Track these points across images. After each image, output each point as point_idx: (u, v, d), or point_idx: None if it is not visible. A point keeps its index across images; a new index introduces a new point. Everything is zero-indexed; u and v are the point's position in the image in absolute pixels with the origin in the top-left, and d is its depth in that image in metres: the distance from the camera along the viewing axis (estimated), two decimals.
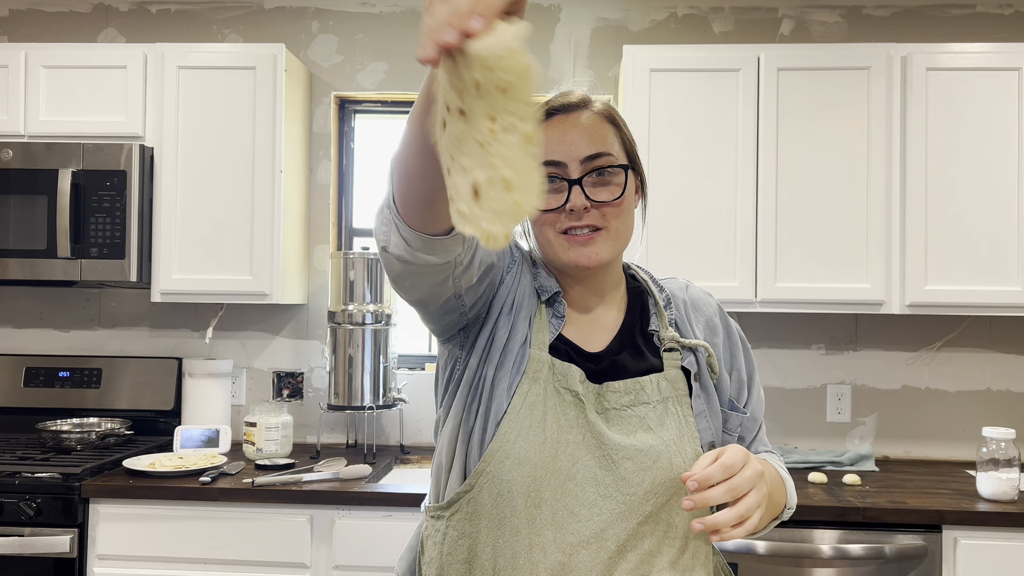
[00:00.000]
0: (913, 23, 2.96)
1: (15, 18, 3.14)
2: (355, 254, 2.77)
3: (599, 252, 1.14)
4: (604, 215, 1.14)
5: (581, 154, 1.13)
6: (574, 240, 1.13)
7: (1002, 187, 2.57)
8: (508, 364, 1.13)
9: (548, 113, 1.17)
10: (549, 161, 1.12)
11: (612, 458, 1.10)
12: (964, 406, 2.92)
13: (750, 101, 2.62)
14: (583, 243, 1.13)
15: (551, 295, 1.18)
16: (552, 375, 1.13)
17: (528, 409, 1.11)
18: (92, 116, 2.74)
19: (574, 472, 1.09)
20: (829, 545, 2.23)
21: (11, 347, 3.12)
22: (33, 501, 2.32)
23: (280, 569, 2.36)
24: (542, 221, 1.15)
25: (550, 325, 1.17)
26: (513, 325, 1.15)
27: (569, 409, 1.12)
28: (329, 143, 3.09)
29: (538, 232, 1.17)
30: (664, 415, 1.14)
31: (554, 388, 1.13)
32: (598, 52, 3.03)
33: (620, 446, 1.10)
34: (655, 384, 1.15)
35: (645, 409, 1.14)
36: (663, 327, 1.20)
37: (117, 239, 2.64)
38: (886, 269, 2.59)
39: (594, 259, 1.14)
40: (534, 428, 1.10)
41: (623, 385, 1.14)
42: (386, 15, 3.07)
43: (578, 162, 1.13)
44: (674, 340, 1.18)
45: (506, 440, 1.10)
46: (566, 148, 1.14)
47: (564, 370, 1.13)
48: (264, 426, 2.72)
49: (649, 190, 2.60)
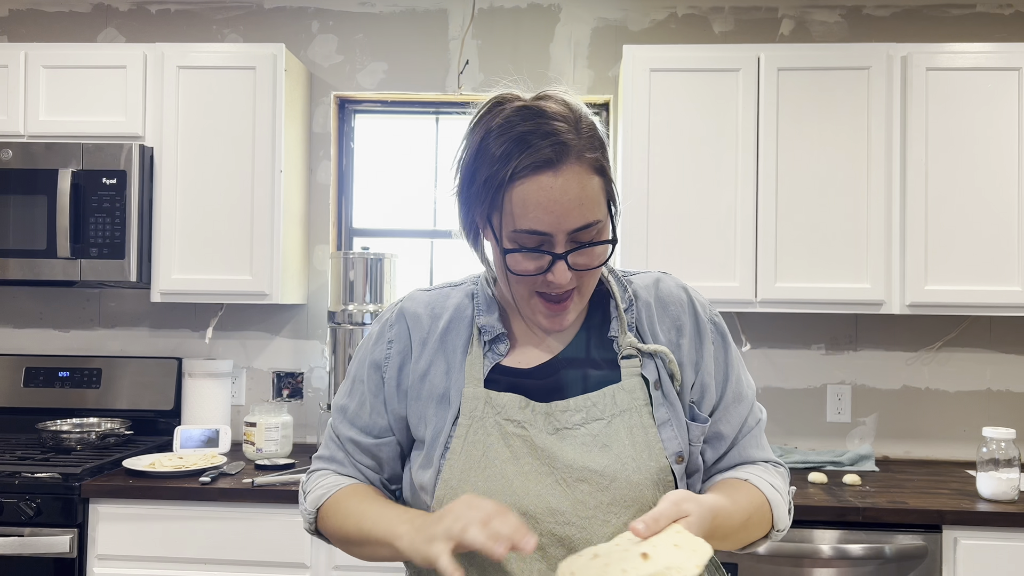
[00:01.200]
0: (913, 23, 2.96)
1: (15, 18, 3.14)
2: (355, 254, 2.77)
3: (569, 317, 1.10)
4: (582, 277, 1.08)
5: (570, 227, 1.03)
6: (548, 307, 1.08)
7: (1002, 187, 2.57)
8: (440, 407, 1.13)
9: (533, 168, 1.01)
10: (532, 231, 1.02)
11: (567, 481, 1.06)
12: (964, 406, 2.92)
13: (750, 101, 2.62)
14: (555, 312, 1.09)
15: (494, 336, 1.14)
16: (489, 409, 1.10)
17: (467, 450, 1.08)
18: (92, 116, 2.74)
19: (527, 505, 1.06)
20: (829, 545, 2.23)
21: (11, 347, 3.12)
22: (33, 501, 2.32)
23: (280, 569, 2.36)
24: (515, 279, 1.08)
25: (485, 359, 1.13)
26: (432, 380, 1.15)
27: (513, 440, 1.08)
28: (329, 143, 3.09)
29: (506, 283, 1.11)
30: (619, 429, 1.09)
31: (494, 422, 1.09)
32: (598, 52, 3.03)
33: (573, 468, 1.06)
34: (610, 397, 1.10)
35: (598, 426, 1.09)
36: (622, 332, 1.14)
37: (117, 239, 2.64)
38: (886, 269, 2.59)
39: (564, 324, 1.10)
40: (474, 469, 1.07)
41: (573, 403, 1.10)
42: (386, 15, 3.07)
43: (565, 235, 1.03)
44: (632, 347, 1.13)
45: (448, 486, 1.08)
46: (554, 220, 1.02)
47: (501, 402, 1.10)
48: (264, 426, 2.72)
49: (649, 190, 2.63)
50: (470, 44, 3.04)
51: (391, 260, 2.80)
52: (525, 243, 1.04)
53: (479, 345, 1.14)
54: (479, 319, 1.15)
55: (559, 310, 1.08)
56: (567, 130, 1.03)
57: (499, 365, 1.14)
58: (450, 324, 1.17)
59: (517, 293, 1.10)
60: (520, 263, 1.06)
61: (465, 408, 1.10)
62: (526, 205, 1.02)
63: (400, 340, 1.18)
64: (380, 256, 2.77)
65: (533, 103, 1.06)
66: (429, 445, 1.12)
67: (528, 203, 1.02)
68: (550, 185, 1.01)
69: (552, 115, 1.04)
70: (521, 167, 1.01)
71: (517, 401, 1.10)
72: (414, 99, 3.11)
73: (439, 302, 1.20)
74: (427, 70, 3.06)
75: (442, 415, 1.12)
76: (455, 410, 1.11)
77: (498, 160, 1.03)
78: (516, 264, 1.06)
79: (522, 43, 3.04)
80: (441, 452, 1.10)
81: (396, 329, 1.19)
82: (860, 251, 2.59)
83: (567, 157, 1.02)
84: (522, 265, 1.06)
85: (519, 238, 1.04)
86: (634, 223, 2.62)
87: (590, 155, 1.04)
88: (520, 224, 1.03)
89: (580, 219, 1.03)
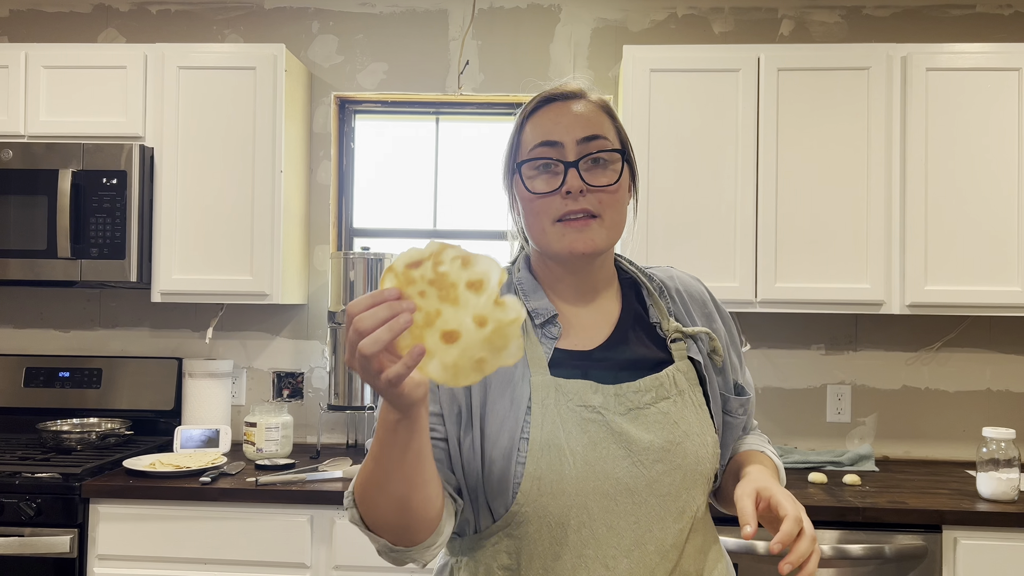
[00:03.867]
0: (913, 23, 2.96)
1: (15, 18, 3.14)
2: (355, 254, 2.77)
3: (594, 239, 1.12)
4: (600, 201, 1.12)
5: (578, 135, 1.12)
6: (569, 226, 1.11)
7: (1002, 187, 2.57)
8: (511, 397, 1.09)
9: (544, 100, 1.17)
10: (545, 141, 1.12)
11: (643, 463, 1.09)
12: (964, 406, 2.92)
13: (750, 101, 2.62)
14: (578, 229, 1.11)
15: (547, 319, 1.16)
16: (561, 396, 1.10)
17: (545, 440, 1.07)
18: (92, 116, 2.74)
19: (607, 488, 1.08)
20: (829, 545, 2.23)
21: (11, 347, 3.12)
22: (33, 501, 2.32)
23: (280, 569, 2.36)
24: (537, 209, 1.13)
25: (542, 345, 1.14)
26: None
27: (589, 426, 1.09)
28: (329, 143, 3.09)
29: (532, 222, 1.15)
30: (684, 407, 1.13)
31: (568, 408, 1.09)
32: (598, 52, 3.03)
33: (649, 449, 1.09)
34: (671, 377, 1.14)
35: (667, 404, 1.13)
36: (664, 318, 1.20)
37: (117, 239, 2.65)
38: (886, 269, 2.59)
39: (590, 245, 1.12)
40: (560, 459, 1.07)
41: (644, 383, 1.13)
42: (386, 15, 3.07)
43: (575, 143, 1.12)
44: (678, 331, 1.18)
45: (532, 478, 1.06)
46: (563, 129, 1.13)
47: (572, 388, 1.11)
48: (264, 426, 2.72)
49: (649, 190, 2.63)
50: (470, 44, 3.04)
51: (391, 260, 2.79)
52: (539, 156, 1.13)
53: (533, 331, 1.15)
54: (528, 303, 1.17)
55: (582, 226, 1.12)
56: (578, 88, 1.19)
57: (558, 350, 1.15)
58: None
59: (541, 225, 1.13)
60: (535, 180, 1.13)
61: (536, 397, 1.09)
62: (538, 125, 1.15)
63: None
64: (380, 256, 2.78)
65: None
66: (504, 435, 1.08)
67: (540, 123, 1.15)
68: (559, 107, 1.16)
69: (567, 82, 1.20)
70: (534, 104, 1.17)
71: (588, 387, 1.11)
72: (414, 99, 3.11)
73: None
74: (427, 70, 3.06)
75: (513, 405, 1.09)
76: (526, 400, 1.09)
77: (518, 117, 1.19)
78: (532, 182, 1.13)
79: (522, 43, 3.04)
80: (519, 444, 1.07)
81: None
82: (860, 251, 2.60)
83: (576, 96, 1.17)
84: (538, 182, 1.13)
85: (533, 153, 1.14)
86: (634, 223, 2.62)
87: (596, 99, 1.18)
88: (533, 140, 1.14)
89: (588, 128, 1.13)
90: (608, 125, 1.16)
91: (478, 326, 0.83)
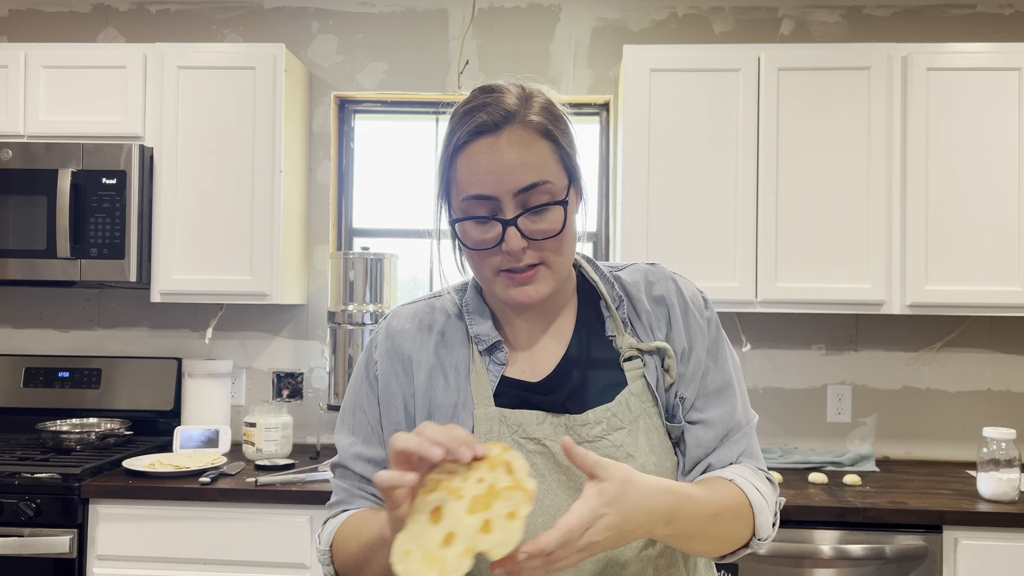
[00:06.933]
0: (913, 23, 2.96)
1: (15, 18, 3.14)
2: (355, 254, 2.77)
3: (540, 290, 1.03)
4: (543, 249, 1.02)
5: (515, 187, 0.99)
6: (514, 279, 1.03)
7: (1002, 187, 2.56)
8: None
9: (475, 132, 1.00)
10: (478, 195, 1.00)
11: None
12: (964, 406, 2.92)
13: (750, 101, 2.62)
14: (522, 283, 1.03)
15: (490, 344, 1.09)
16: (505, 428, 1.05)
17: None
18: (92, 116, 2.74)
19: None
20: (829, 545, 2.23)
21: (11, 347, 3.12)
22: (33, 501, 2.32)
23: (280, 569, 2.36)
24: (476, 259, 1.04)
25: (489, 373, 1.08)
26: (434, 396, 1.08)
27: (536, 459, 1.03)
28: (329, 143, 3.09)
29: (474, 267, 1.06)
30: (638, 436, 1.06)
31: (512, 442, 1.04)
32: (598, 52, 3.03)
33: None
34: (624, 404, 1.06)
35: (620, 436, 1.05)
36: (619, 332, 1.10)
37: (117, 239, 2.64)
38: (886, 269, 2.59)
39: (535, 297, 1.03)
40: None
41: (594, 415, 1.05)
42: (386, 15, 3.07)
43: (511, 196, 0.99)
44: (633, 348, 1.09)
45: None
46: (496, 180, 0.99)
47: (517, 420, 1.05)
48: (264, 426, 2.72)
49: (650, 190, 2.63)
50: (470, 44, 3.04)
51: (391, 260, 2.80)
52: (475, 211, 1.01)
53: (480, 360, 1.09)
54: (472, 328, 1.11)
55: (527, 279, 1.03)
56: (513, 103, 1.02)
57: (505, 378, 1.09)
58: (444, 336, 1.12)
59: (483, 274, 1.05)
60: (471, 233, 1.02)
61: (479, 430, 1.05)
62: (470, 171, 1.00)
63: (390, 358, 1.13)
64: (380, 256, 2.77)
65: (489, 83, 1.06)
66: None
67: (472, 168, 1.00)
68: (490, 146, 0.99)
69: (502, 91, 1.03)
70: (464, 135, 1.01)
71: (534, 417, 1.05)
72: (414, 99, 3.11)
73: (426, 313, 1.15)
74: (427, 70, 3.06)
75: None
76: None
77: (447, 138, 1.04)
78: (467, 235, 1.03)
79: (522, 43, 3.04)
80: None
81: (381, 350, 1.14)
82: (860, 251, 2.59)
83: (508, 122, 1.00)
84: (473, 235, 1.02)
85: (468, 207, 1.01)
86: (634, 223, 2.62)
87: (535, 119, 1.01)
88: (466, 191, 1.01)
89: (524, 178, 0.99)
90: (548, 156, 1.01)
91: (482, 531, 0.83)
